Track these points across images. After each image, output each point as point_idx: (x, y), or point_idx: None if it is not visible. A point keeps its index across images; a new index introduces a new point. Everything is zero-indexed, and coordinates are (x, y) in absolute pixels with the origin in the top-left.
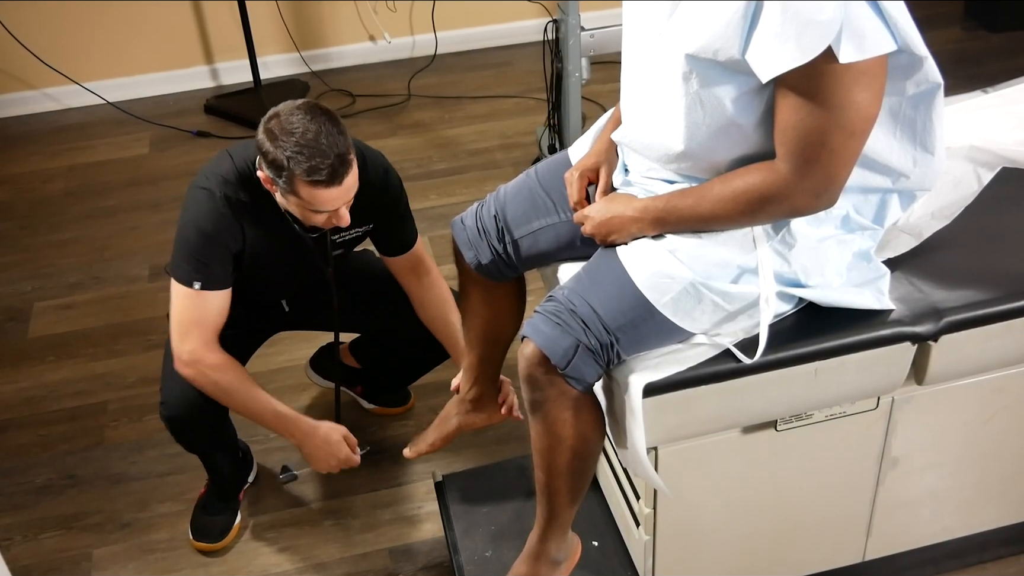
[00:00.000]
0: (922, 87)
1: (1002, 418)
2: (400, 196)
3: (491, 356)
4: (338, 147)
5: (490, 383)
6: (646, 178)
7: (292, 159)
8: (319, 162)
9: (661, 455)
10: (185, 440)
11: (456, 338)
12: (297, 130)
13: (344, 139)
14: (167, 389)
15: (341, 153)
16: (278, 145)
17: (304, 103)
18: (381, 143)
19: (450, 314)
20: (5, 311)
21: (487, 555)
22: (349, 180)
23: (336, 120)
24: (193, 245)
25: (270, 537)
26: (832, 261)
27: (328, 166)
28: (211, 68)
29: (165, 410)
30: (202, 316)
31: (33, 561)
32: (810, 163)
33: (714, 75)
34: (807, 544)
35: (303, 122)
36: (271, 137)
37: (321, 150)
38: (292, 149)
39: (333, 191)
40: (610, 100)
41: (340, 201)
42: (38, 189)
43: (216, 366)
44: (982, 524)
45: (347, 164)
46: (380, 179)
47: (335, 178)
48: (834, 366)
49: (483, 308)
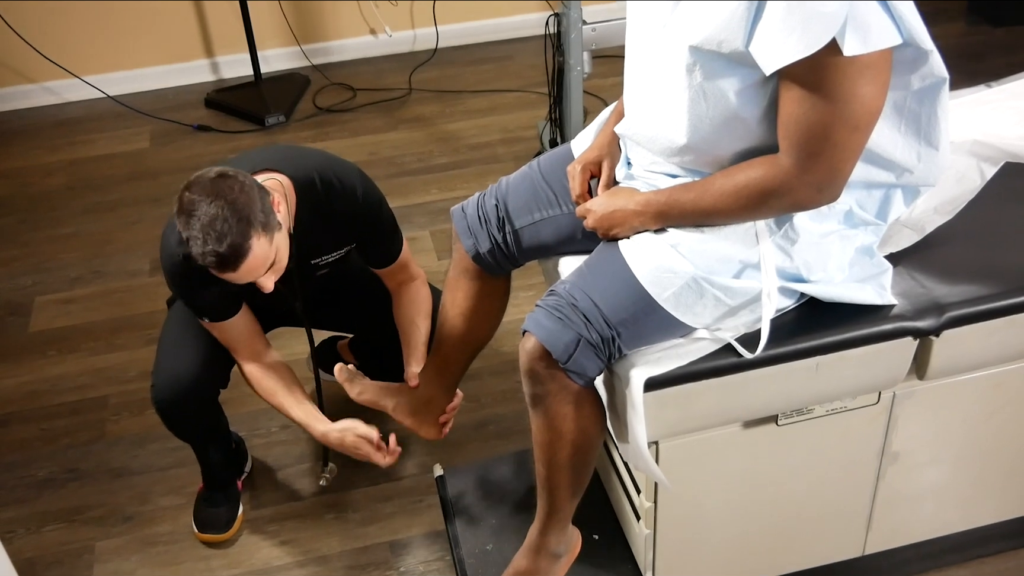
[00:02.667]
0: (927, 81)
1: (1003, 413)
2: (378, 213)
3: (457, 357)
4: (233, 235)
5: (445, 391)
6: (649, 172)
7: (190, 240)
8: (211, 249)
9: (662, 449)
10: (175, 425)
11: (416, 340)
12: (196, 213)
13: (245, 225)
14: (157, 373)
15: (235, 243)
16: (181, 222)
17: (217, 176)
18: (382, 137)
19: (418, 316)
20: (6, 305)
21: (488, 549)
22: (248, 264)
23: (244, 202)
24: (182, 298)
25: (271, 530)
26: (834, 256)
27: (218, 255)
28: (211, 62)
29: (155, 392)
30: (230, 340)
31: (36, 554)
32: (813, 157)
33: (718, 67)
34: (807, 538)
35: (203, 204)
36: (179, 210)
37: (214, 237)
38: (190, 231)
39: (230, 275)
40: (612, 94)
41: (246, 279)
42: (38, 183)
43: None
44: (982, 519)
45: (241, 254)
46: (353, 202)
47: (226, 266)
48: (835, 361)
49: (465, 302)
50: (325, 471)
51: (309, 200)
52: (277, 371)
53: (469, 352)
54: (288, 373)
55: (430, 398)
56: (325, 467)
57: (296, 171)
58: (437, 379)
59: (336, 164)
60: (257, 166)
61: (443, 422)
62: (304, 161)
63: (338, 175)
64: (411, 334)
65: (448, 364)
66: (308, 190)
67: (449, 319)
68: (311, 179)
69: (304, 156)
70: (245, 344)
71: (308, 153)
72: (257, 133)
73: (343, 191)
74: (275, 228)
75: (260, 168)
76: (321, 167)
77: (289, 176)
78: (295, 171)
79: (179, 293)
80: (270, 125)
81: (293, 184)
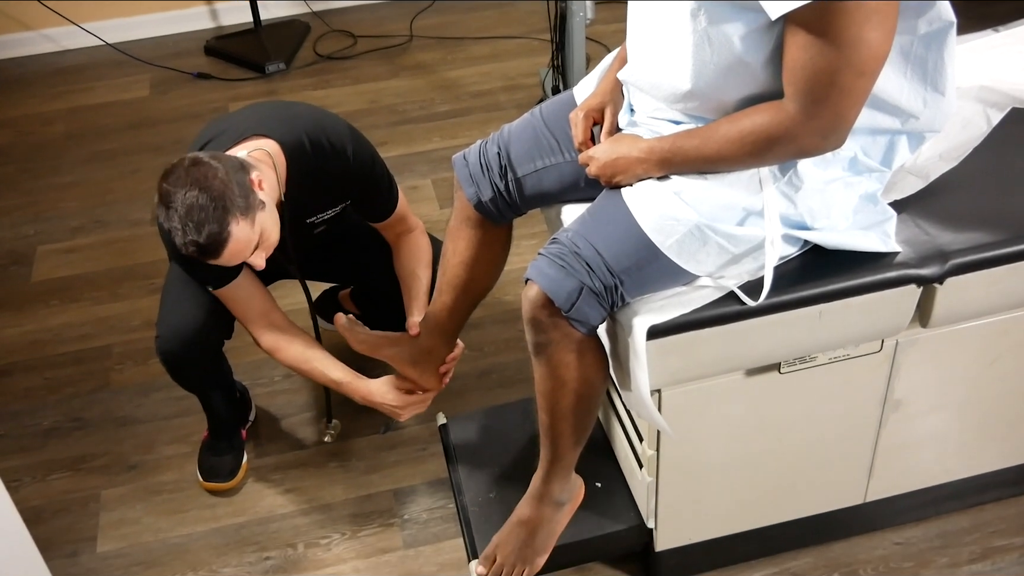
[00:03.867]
0: (934, 26)
1: (1005, 360)
2: (370, 170)
3: (459, 307)
4: (210, 224)
5: (445, 341)
6: (652, 118)
7: (171, 230)
8: (191, 239)
9: (665, 397)
10: (180, 376)
11: (418, 290)
12: (173, 204)
13: (223, 213)
14: (162, 324)
15: (213, 232)
16: (161, 210)
17: (192, 162)
18: (383, 85)
19: (418, 266)
20: (8, 255)
21: (491, 497)
22: (230, 250)
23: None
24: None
25: (275, 479)
26: (839, 203)
27: (197, 245)
28: (211, 8)
29: (160, 343)
30: (241, 309)
31: (42, 502)
32: (819, 103)
33: (722, 12)
34: (809, 485)
35: (179, 195)
36: (159, 199)
37: (193, 227)
38: (169, 221)
39: (214, 261)
40: (614, 40)
41: (231, 263)
42: (38, 132)
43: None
44: (983, 466)
45: (220, 243)
46: (344, 161)
47: (207, 255)
48: (838, 308)
49: (467, 251)
50: (330, 427)
51: (300, 164)
52: (299, 337)
53: (470, 301)
54: (308, 337)
55: (431, 348)
56: (329, 423)
57: (284, 135)
58: (438, 329)
59: (326, 123)
60: (245, 132)
61: (443, 372)
62: (293, 123)
63: (328, 135)
64: (412, 284)
65: (449, 313)
66: (298, 154)
67: (450, 268)
68: (300, 142)
69: (293, 117)
70: (257, 311)
71: (297, 113)
72: (257, 81)
73: (333, 152)
74: (256, 208)
75: (249, 134)
76: (310, 129)
77: (278, 140)
78: (283, 135)
79: (182, 264)
80: (270, 73)
81: (282, 149)
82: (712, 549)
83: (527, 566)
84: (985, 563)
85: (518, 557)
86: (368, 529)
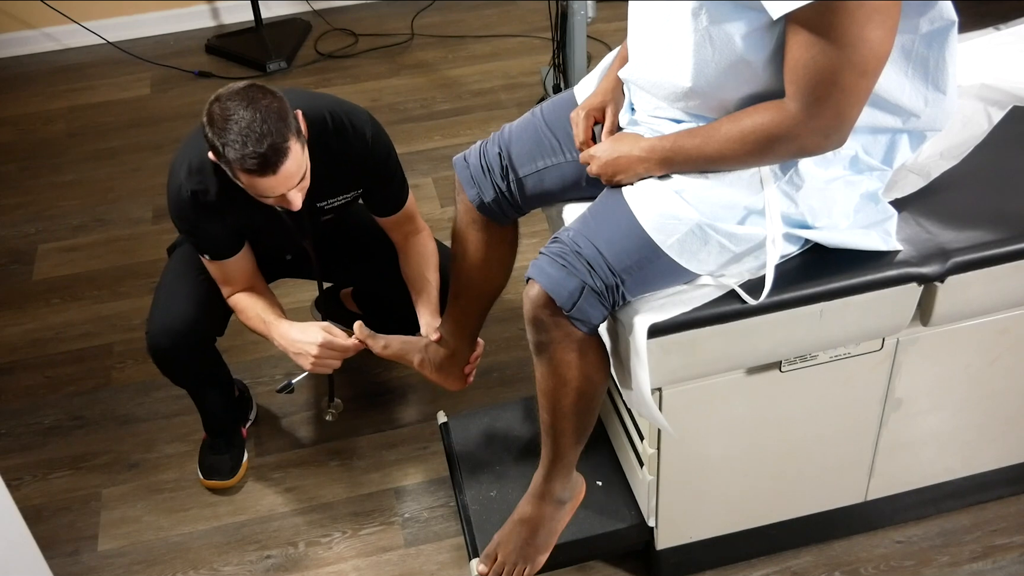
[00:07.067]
0: (936, 24)
1: (1006, 359)
2: (387, 158)
3: (475, 308)
4: (273, 136)
5: (467, 343)
6: (653, 117)
7: (227, 146)
8: (251, 151)
9: (665, 396)
10: (170, 371)
11: (429, 293)
12: (232, 117)
13: (283, 126)
14: (151, 320)
15: (276, 143)
16: (215, 131)
17: (247, 86)
18: (384, 83)
19: (427, 270)
20: (9, 253)
21: (492, 495)
22: (287, 167)
23: (277, 107)
24: (184, 233)
25: (276, 477)
26: (840, 202)
27: (259, 155)
28: (212, 7)
29: (149, 338)
30: (226, 276)
31: (43, 500)
32: (820, 102)
33: (724, 11)
34: (810, 483)
35: (239, 109)
36: (211, 122)
37: (254, 138)
38: (226, 136)
39: (269, 180)
40: (616, 39)
41: (282, 188)
42: (39, 130)
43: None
44: (984, 464)
45: (281, 153)
46: (363, 145)
47: (267, 167)
48: (839, 307)
49: (476, 253)
50: (331, 406)
51: (320, 139)
52: (265, 297)
53: (486, 301)
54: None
55: (454, 351)
56: (331, 402)
57: (308, 108)
58: (458, 332)
59: (348, 107)
60: None
61: (467, 372)
62: (316, 101)
63: (350, 117)
64: (423, 288)
65: (467, 316)
66: (320, 128)
67: (463, 271)
68: (323, 118)
69: (316, 97)
70: (240, 281)
71: (320, 95)
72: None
73: (354, 133)
74: (304, 139)
75: None
76: (333, 108)
77: (303, 112)
78: (307, 108)
79: (183, 227)
80: (271, 71)
81: (305, 120)
82: (713, 547)
83: (528, 564)
84: (986, 561)
85: (519, 555)
86: (369, 528)
